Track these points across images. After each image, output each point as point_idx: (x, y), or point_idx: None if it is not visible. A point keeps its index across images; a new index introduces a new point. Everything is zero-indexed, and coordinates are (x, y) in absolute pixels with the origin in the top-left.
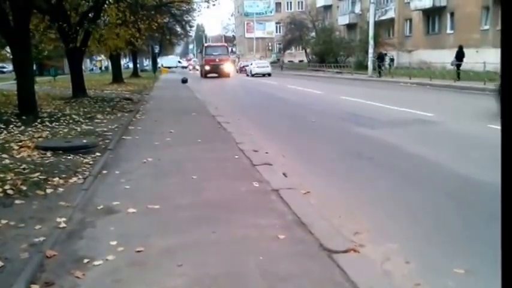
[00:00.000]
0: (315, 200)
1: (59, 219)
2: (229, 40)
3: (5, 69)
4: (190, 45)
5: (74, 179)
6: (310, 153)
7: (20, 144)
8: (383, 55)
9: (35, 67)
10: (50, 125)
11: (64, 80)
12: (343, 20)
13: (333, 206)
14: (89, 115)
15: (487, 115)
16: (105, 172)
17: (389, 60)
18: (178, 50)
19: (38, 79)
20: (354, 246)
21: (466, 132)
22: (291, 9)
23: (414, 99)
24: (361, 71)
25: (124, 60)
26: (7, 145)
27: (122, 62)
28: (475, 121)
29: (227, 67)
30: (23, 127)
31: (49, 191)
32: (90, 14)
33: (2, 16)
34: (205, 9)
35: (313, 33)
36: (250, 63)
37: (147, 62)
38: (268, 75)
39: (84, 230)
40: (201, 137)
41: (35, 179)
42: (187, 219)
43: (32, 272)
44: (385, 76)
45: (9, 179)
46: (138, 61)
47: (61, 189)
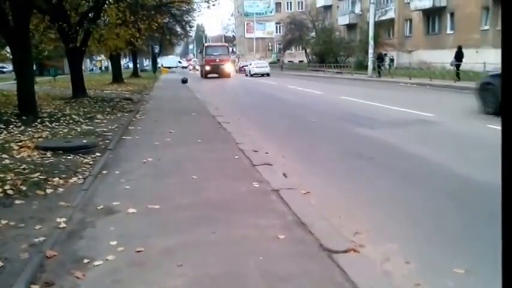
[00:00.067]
0: (315, 200)
1: (59, 219)
2: (229, 40)
3: (5, 69)
4: (190, 46)
5: (74, 179)
6: (310, 153)
7: (20, 144)
8: (382, 55)
9: (35, 67)
10: (50, 125)
11: (64, 80)
12: (343, 20)
13: (333, 206)
14: (89, 115)
15: (487, 115)
16: (105, 172)
17: (389, 60)
18: (178, 50)
19: (38, 79)
20: (354, 246)
21: (466, 132)
22: (291, 9)
23: (414, 100)
24: (361, 71)
25: (124, 60)
26: (7, 145)
27: (122, 62)
28: (475, 121)
29: (228, 67)
30: (23, 127)
31: (49, 191)
32: (90, 14)
33: (2, 16)
34: (205, 9)
35: (313, 34)
36: (250, 64)
37: (147, 62)
38: (267, 75)
39: (84, 230)
40: (201, 137)
41: (35, 179)
42: (187, 220)
43: (32, 272)
44: (385, 76)
45: (9, 179)
46: (138, 61)
47: (61, 189)
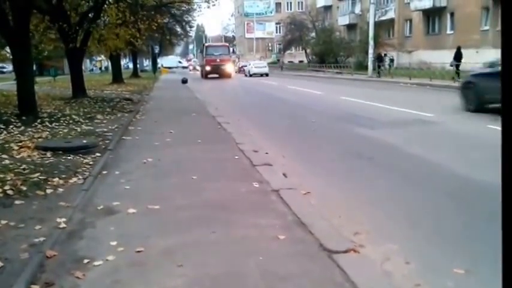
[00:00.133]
0: (315, 200)
1: (59, 220)
2: (229, 40)
3: (5, 70)
4: (190, 46)
5: (74, 180)
6: (310, 153)
7: (20, 144)
8: (381, 56)
9: (35, 67)
10: (49, 125)
11: (64, 80)
12: (343, 21)
13: (333, 206)
14: (88, 115)
15: (487, 115)
16: (105, 172)
17: (389, 60)
18: (178, 50)
19: (38, 79)
20: (354, 246)
21: (465, 132)
22: (291, 9)
23: (414, 100)
24: (361, 72)
25: (124, 60)
26: (7, 145)
27: (121, 62)
28: (475, 121)
29: (229, 68)
30: (22, 127)
31: (49, 191)
32: (90, 14)
33: (2, 16)
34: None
35: (313, 34)
36: (249, 64)
37: (147, 62)
38: (265, 75)
39: (84, 230)
40: (201, 137)
41: (35, 179)
42: (187, 220)
43: (32, 273)
44: (385, 76)
45: (9, 179)
46: (138, 61)
47: (61, 190)
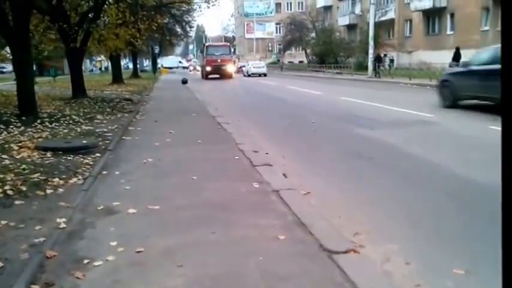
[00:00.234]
0: (315, 201)
1: (59, 220)
2: (229, 41)
3: (5, 70)
4: (190, 46)
5: (74, 180)
6: (310, 153)
7: (20, 144)
8: (380, 56)
9: (34, 67)
10: (49, 125)
11: (64, 81)
12: (343, 21)
13: (333, 206)
14: (88, 116)
15: (487, 115)
16: (105, 173)
17: (389, 61)
18: (178, 50)
19: (38, 79)
20: (354, 246)
21: (466, 132)
22: (291, 9)
23: (414, 100)
24: (361, 72)
25: (124, 60)
26: (7, 146)
27: (121, 63)
28: (475, 122)
29: (229, 68)
30: (22, 127)
31: (49, 191)
32: (90, 14)
33: (2, 16)
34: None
35: (313, 34)
36: (247, 64)
37: (147, 63)
38: (264, 75)
39: (84, 231)
40: (201, 137)
41: (35, 179)
42: (187, 220)
43: (32, 273)
44: (385, 77)
45: (9, 179)
46: (138, 62)
47: (61, 190)
